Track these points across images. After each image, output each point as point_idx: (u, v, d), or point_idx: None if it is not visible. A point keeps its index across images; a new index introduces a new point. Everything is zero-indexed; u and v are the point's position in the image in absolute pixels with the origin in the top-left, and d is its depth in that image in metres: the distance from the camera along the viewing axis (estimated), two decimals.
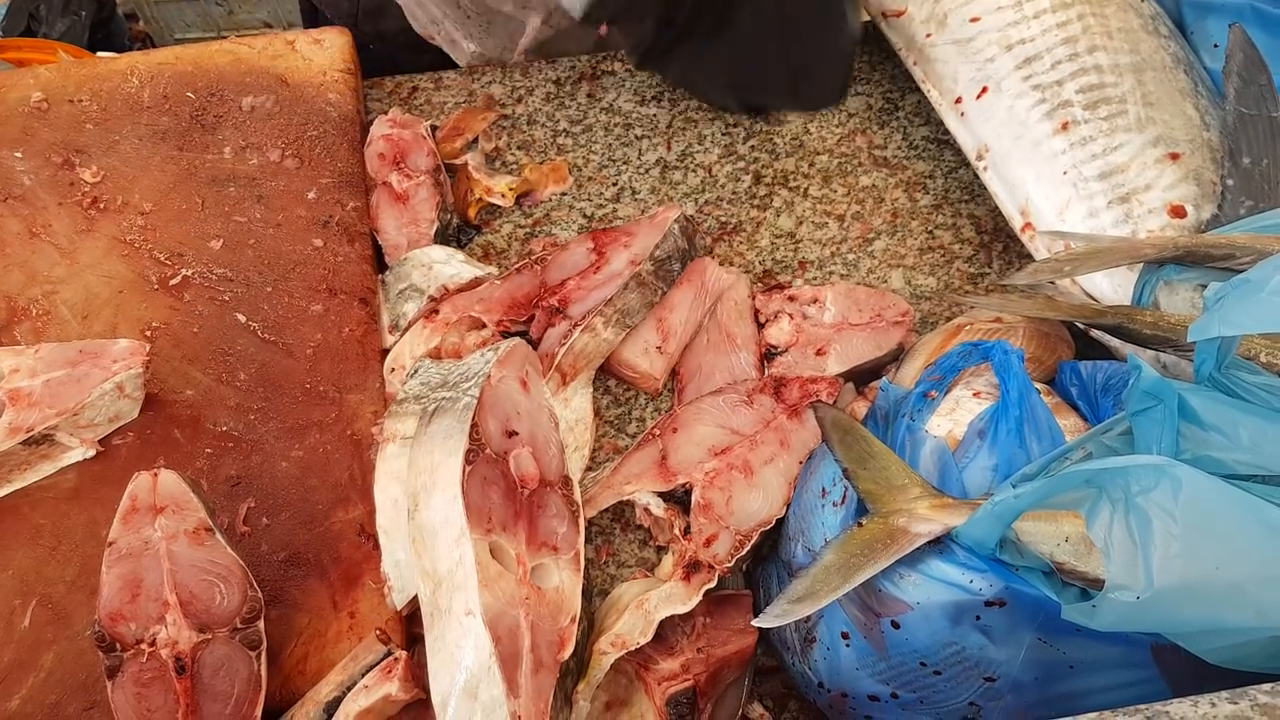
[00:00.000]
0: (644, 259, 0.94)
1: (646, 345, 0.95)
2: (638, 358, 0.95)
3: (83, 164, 1.02)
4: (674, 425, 0.89)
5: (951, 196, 1.07)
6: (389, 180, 1.04)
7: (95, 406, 0.85)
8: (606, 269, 0.95)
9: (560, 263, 0.98)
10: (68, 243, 0.98)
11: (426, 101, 1.16)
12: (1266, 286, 0.57)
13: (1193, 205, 0.86)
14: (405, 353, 0.94)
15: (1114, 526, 0.56)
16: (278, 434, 0.90)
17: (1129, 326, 0.78)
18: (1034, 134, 0.92)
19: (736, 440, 0.87)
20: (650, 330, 0.96)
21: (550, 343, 0.92)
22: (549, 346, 0.92)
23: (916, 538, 0.65)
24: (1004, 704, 0.68)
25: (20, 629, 0.80)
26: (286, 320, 0.95)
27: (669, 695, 0.77)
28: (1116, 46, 0.93)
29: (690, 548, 0.81)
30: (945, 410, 0.75)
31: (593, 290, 0.94)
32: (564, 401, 0.92)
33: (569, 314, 0.93)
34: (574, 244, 0.99)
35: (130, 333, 0.93)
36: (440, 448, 0.75)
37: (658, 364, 0.95)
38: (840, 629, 0.71)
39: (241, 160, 1.04)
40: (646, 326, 0.96)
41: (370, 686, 0.72)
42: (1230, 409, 0.61)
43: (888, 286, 1.02)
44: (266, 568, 0.83)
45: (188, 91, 1.08)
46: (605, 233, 0.99)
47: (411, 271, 0.98)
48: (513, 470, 0.77)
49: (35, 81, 1.07)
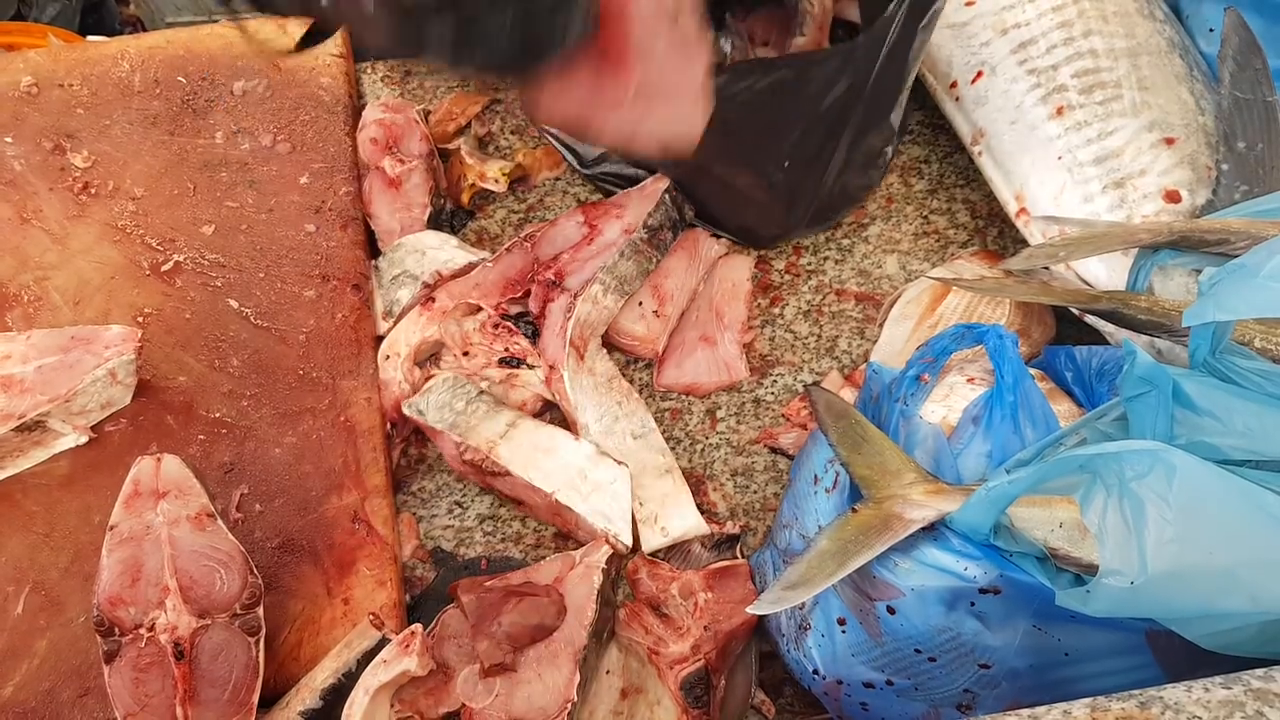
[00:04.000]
0: (637, 227, 0.94)
1: (643, 311, 0.97)
2: (634, 324, 0.96)
3: (73, 149, 1.02)
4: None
5: (946, 181, 1.07)
6: (382, 165, 1.04)
7: (87, 393, 0.84)
8: (600, 239, 0.95)
9: (551, 238, 0.97)
10: (59, 228, 0.97)
11: (419, 86, 1.16)
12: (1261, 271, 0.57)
13: (1188, 190, 0.86)
14: (400, 340, 0.94)
15: (1108, 512, 0.56)
16: (271, 420, 0.89)
17: (1124, 311, 0.78)
18: (1029, 118, 0.92)
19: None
20: (646, 296, 0.97)
21: (555, 318, 0.92)
22: (554, 321, 0.92)
23: (911, 523, 0.65)
24: (999, 691, 0.68)
25: (14, 616, 0.80)
26: (279, 306, 0.95)
27: (682, 678, 0.77)
28: (1112, 31, 0.92)
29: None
30: (939, 396, 0.75)
31: (588, 261, 0.94)
32: (588, 371, 0.93)
33: (566, 286, 0.93)
34: (564, 219, 0.98)
35: (122, 319, 0.93)
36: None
37: (655, 327, 0.96)
38: (836, 615, 0.71)
39: (233, 145, 1.03)
40: (641, 293, 0.97)
41: (389, 661, 0.72)
42: (1225, 394, 0.61)
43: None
44: (260, 554, 0.83)
45: (179, 76, 1.07)
46: (595, 205, 0.99)
47: (405, 258, 0.98)
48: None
49: (25, 66, 1.07)
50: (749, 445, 0.94)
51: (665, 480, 0.90)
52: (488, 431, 0.87)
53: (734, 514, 0.91)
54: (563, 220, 0.98)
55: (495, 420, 0.88)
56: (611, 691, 0.80)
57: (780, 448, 0.93)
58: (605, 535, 0.84)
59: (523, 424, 0.88)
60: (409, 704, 0.75)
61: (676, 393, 0.96)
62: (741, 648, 0.82)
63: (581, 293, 0.91)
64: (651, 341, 0.96)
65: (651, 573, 0.84)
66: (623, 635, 0.81)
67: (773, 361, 0.98)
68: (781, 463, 0.93)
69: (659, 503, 0.89)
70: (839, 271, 1.02)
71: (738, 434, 0.95)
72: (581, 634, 0.76)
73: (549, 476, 0.85)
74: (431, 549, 0.90)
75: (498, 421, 0.88)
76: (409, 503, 0.92)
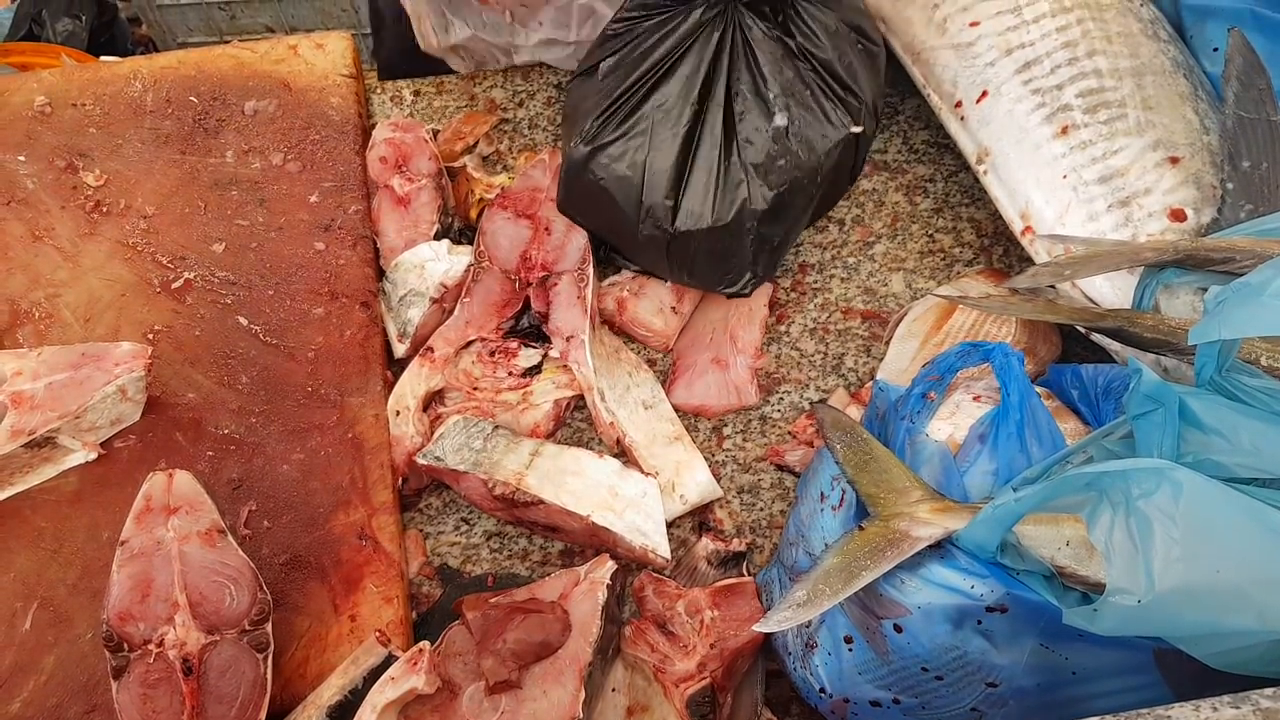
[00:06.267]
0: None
1: (661, 305, 0.99)
2: (652, 317, 0.98)
3: (86, 168, 1.03)
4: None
5: (952, 200, 1.07)
6: (391, 184, 1.04)
7: (97, 409, 0.85)
8: (552, 227, 1.00)
9: (502, 245, 1.00)
10: (70, 246, 0.98)
11: (428, 106, 1.16)
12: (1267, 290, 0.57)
13: (1192, 209, 0.86)
14: (407, 394, 0.94)
15: (1115, 530, 0.56)
16: (279, 437, 0.90)
17: (1129, 330, 0.78)
18: (1034, 138, 0.92)
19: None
20: (665, 292, 0.99)
21: (567, 293, 0.96)
22: (567, 297, 0.96)
23: (917, 541, 0.65)
24: (1007, 710, 0.68)
25: (22, 632, 0.81)
26: (288, 324, 0.95)
27: (688, 696, 0.77)
28: (1116, 51, 0.93)
29: None
30: (946, 414, 0.75)
31: (561, 247, 0.99)
32: (601, 341, 0.98)
33: (559, 270, 0.97)
34: (496, 224, 1.01)
35: (132, 336, 0.93)
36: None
37: (672, 323, 0.99)
38: (843, 633, 0.71)
39: (244, 164, 1.04)
40: (661, 289, 0.99)
41: (396, 679, 0.72)
42: (1231, 412, 0.61)
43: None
44: (267, 571, 0.83)
45: (190, 96, 1.08)
46: (505, 197, 1.02)
47: (407, 276, 0.98)
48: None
49: (39, 85, 1.08)
50: (755, 463, 0.94)
51: (676, 447, 0.93)
52: (512, 464, 0.88)
53: (740, 531, 0.91)
54: (497, 226, 1.01)
55: (518, 452, 0.89)
56: (617, 709, 0.79)
57: (787, 465, 0.93)
58: (645, 551, 0.85)
59: (545, 450, 0.89)
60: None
61: (685, 413, 0.96)
62: (748, 666, 0.81)
63: (583, 268, 0.96)
64: (667, 336, 0.99)
65: (658, 590, 0.84)
66: (628, 653, 0.81)
67: (779, 379, 0.98)
68: (788, 480, 0.93)
69: (674, 470, 0.91)
70: (845, 289, 1.02)
71: (744, 451, 0.95)
72: (586, 650, 0.76)
73: (581, 499, 0.86)
74: (438, 566, 0.90)
75: (520, 452, 0.89)
76: (416, 519, 0.92)
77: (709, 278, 0.94)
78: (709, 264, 0.92)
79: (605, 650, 0.79)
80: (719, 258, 0.92)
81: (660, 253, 0.92)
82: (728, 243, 0.90)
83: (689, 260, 0.92)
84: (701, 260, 0.92)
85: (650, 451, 0.92)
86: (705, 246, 0.90)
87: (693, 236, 0.89)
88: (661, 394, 0.96)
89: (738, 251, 0.91)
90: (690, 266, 0.93)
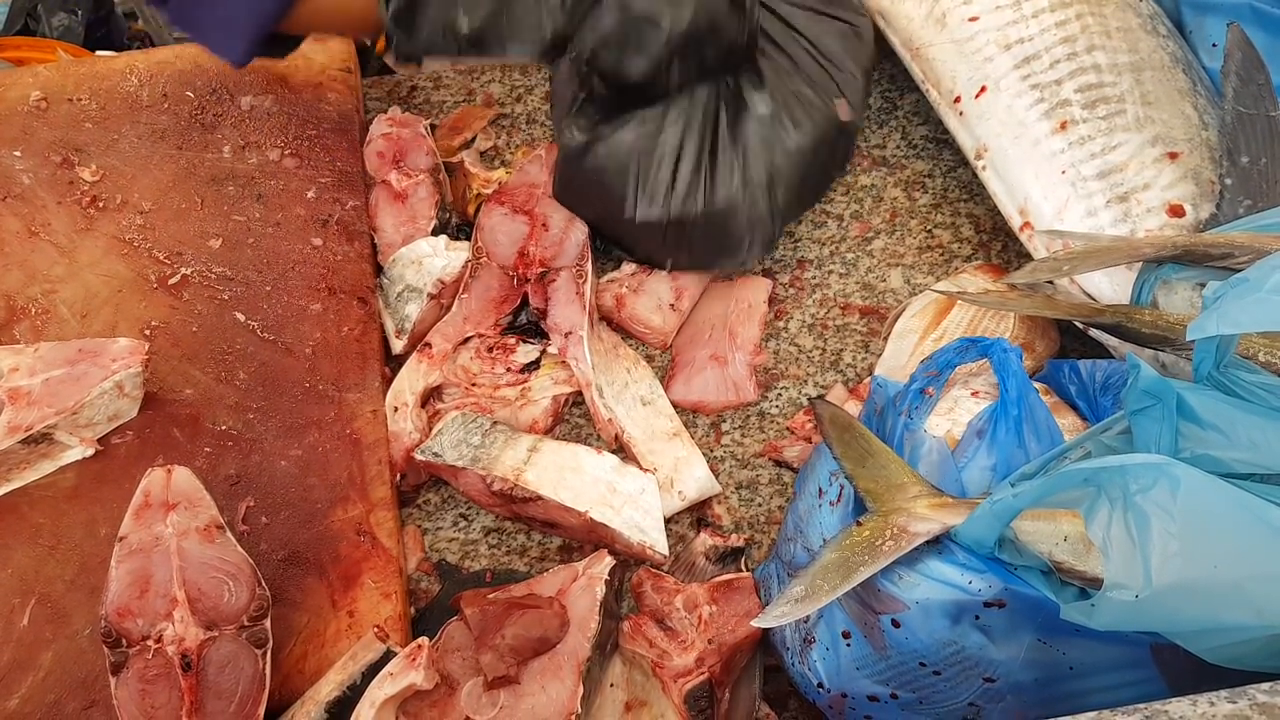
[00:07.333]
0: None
1: (660, 302, 0.98)
2: (651, 313, 0.98)
3: (82, 163, 1.02)
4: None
5: (950, 195, 1.07)
6: (388, 179, 1.04)
7: (94, 405, 0.85)
8: (549, 222, 0.99)
9: (501, 241, 0.99)
10: (67, 241, 0.98)
11: (425, 100, 1.16)
12: (1265, 285, 0.57)
13: (1191, 204, 0.86)
14: (406, 390, 0.94)
15: (1112, 525, 0.56)
16: (277, 433, 0.90)
17: (1128, 325, 0.78)
18: (1033, 133, 0.92)
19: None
20: (664, 289, 0.99)
21: (565, 289, 0.96)
22: (565, 293, 0.95)
23: (915, 537, 0.65)
24: (1004, 705, 0.68)
25: (19, 628, 0.80)
26: (285, 319, 0.95)
27: (686, 692, 0.77)
28: (1115, 46, 0.93)
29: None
30: (944, 410, 0.75)
31: (559, 243, 0.98)
32: (599, 337, 0.97)
33: (558, 266, 0.97)
34: (493, 220, 1.00)
35: (129, 332, 0.93)
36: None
37: (670, 320, 0.98)
38: (841, 628, 0.71)
39: (241, 159, 1.04)
40: (660, 286, 0.98)
41: (395, 674, 0.72)
42: (1229, 408, 0.61)
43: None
44: (265, 566, 0.83)
45: (187, 90, 1.08)
46: (505, 192, 1.02)
47: (405, 271, 0.98)
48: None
49: (34, 80, 1.07)
50: (753, 458, 0.94)
51: (675, 443, 0.93)
52: (511, 460, 0.88)
53: (738, 527, 0.91)
54: (495, 223, 1.00)
55: (516, 447, 0.89)
56: (615, 705, 0.79)
57: (785, 461, 0.93)
58: (643, 547, 0.85)
59: (544, 446, 0.89)
60: (413, 717, 0.75)
61: (683, 409, 0.96)
62: (746, 661, 0.82)
63: (582, 264, 0.96)
64: (665, 333, 0.99)
65: (656, 585, 0.84)
66: (627, 648, 0.81)
67: (777, 375, 0.98)
68: (786, 476, 0.93)
69: (672, 467, 0.91)
70: (843, 285, 1.02)
71: (742, 447, 0.95)
72: (585, 646, 0.76)
73: (579, 495, 0.86)
74: (436, 562, 0.90)
75: (519, 448, 0.89)
76: (414, 515, 0.92)
77: (706, 258, 0.97)
78: (705, 245, 0.95)
79: (603, 645, 0.80)
80: (715, 239, 0.94)
81: (657, 238, 0.94)
82: (723, 224, 0.93)
83: (686, 242, 0.95)
84: (699, 242, 0.94)
85: (649, 448, 0.92)
86: (701, 228, 0.93)
87: (687, 220, 0.92)
88: (660, 390, 0.96)
89: (734, 231, 0.94)
90: (689, 248, 0.95)
